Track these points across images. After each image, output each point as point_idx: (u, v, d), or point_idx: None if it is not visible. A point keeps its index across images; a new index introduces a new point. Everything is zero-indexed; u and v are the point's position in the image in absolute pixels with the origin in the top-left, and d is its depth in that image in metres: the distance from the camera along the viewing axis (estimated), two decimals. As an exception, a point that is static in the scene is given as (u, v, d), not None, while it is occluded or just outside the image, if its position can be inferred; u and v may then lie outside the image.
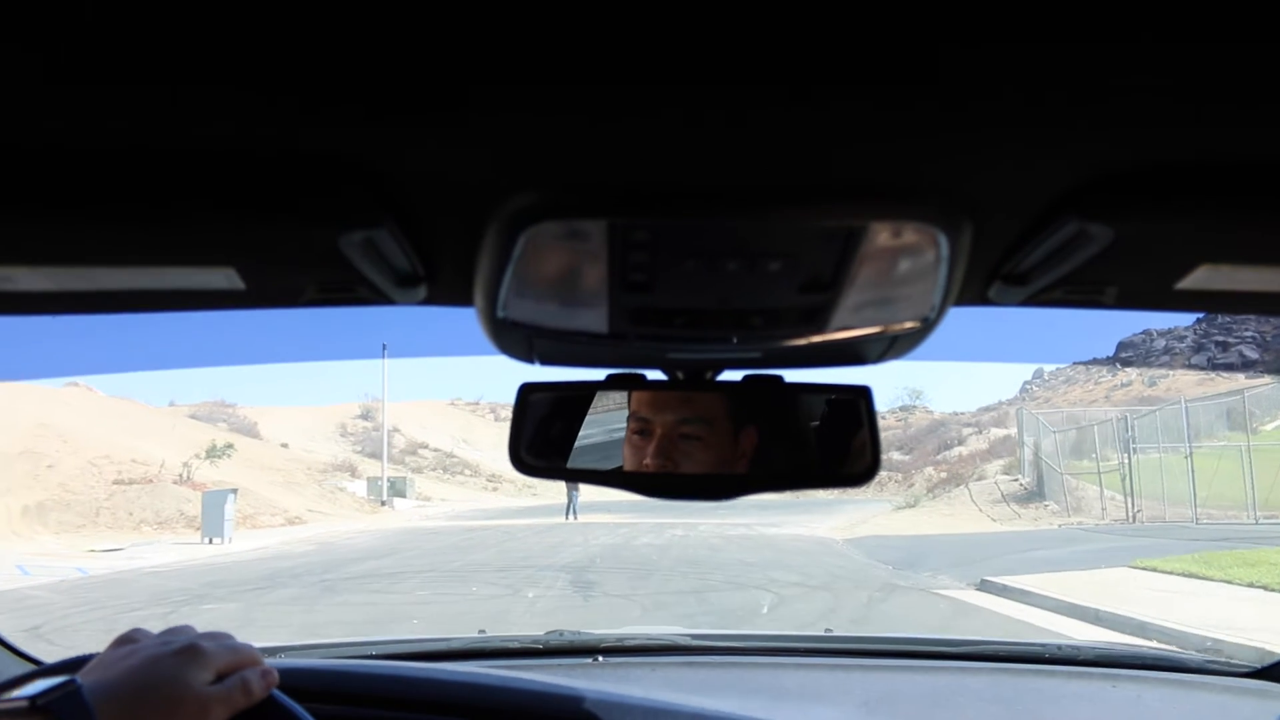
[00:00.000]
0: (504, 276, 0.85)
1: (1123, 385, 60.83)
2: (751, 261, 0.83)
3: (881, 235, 0.79)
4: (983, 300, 1.00)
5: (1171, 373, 57.43)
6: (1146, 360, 59.04)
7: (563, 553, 20.27)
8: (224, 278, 0.89)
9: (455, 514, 39.29)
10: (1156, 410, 30.56)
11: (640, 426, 1.26)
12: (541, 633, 2.55)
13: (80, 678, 1.06)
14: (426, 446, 65.03)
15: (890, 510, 34.22)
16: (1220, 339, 56.47)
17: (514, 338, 1.04)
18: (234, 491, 25.95)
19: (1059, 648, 2.48)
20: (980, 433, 57.97)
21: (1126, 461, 26.61)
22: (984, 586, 13.94)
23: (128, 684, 1.06)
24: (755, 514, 32.34)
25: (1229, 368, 54.89)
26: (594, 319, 0.94)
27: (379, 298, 0.96)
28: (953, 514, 31.24)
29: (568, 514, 33.25)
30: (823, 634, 2.74)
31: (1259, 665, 2.33)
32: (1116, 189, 0.75)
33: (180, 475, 34.26)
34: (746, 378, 1.23)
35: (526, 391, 1.28)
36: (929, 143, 0.70)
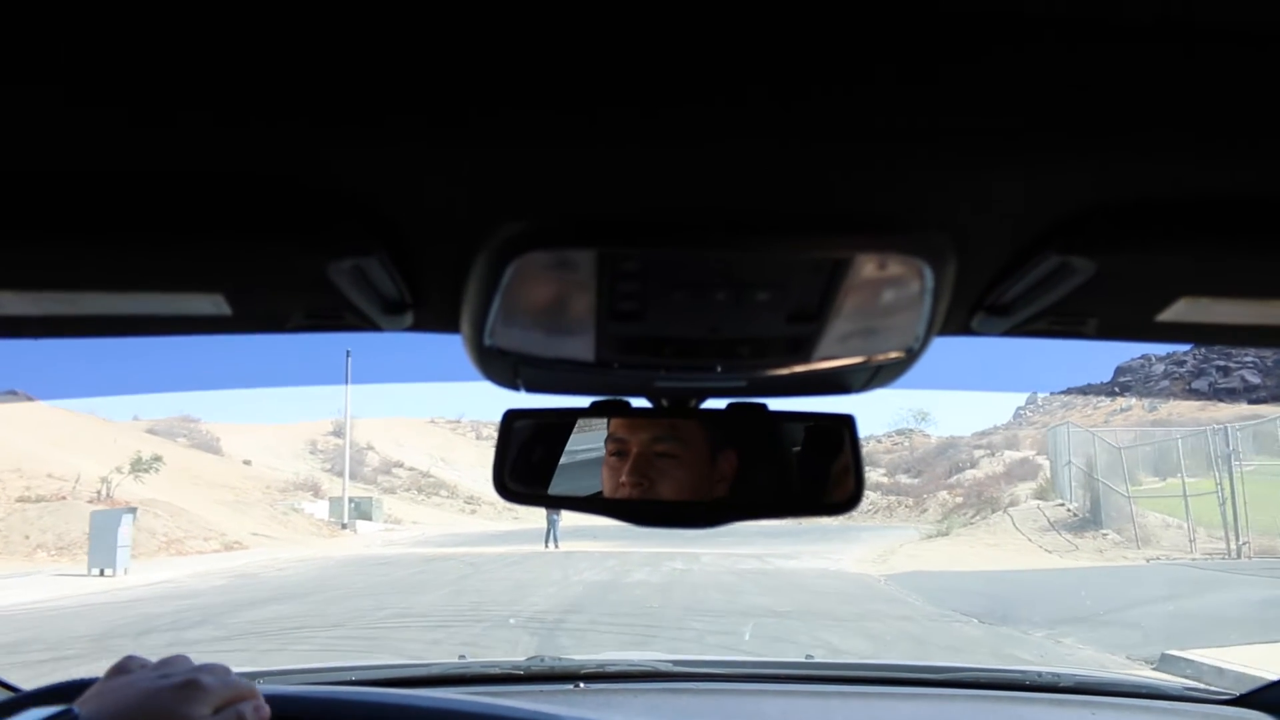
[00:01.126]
0: (492, 305, 0.85)
1: (1122, 410, 58.15)
2: (740, 292, 0.82)
3: (868, 267, 0.78)
4: (966, 330, 1.00)
5: (1173, 396, 55.26)
6: (1146, 385, 56.96)
7: (534, 595, 15.37)
8: (211, 304, 0.88)
9: (422, 539, 34.59)
10: (1259, 422, 25.84)
11: (617, 448, 1.26)
12: (523, 659, 2.53)
13: (77, 707, 1.06)
14: (402, 465, 60.22)
15: (919, 539, 29.52)
16: (1221, 364, 54.89)
17: (500, 365, 1.03)
18: (132, 511, 20.92)
19: (1039, 675, 2.47)
20: (993, 455, 54.63)
21: (1225, 482, 21.72)
22: (1167, 665, 9.07)
23: (126, 717, 1.06)
24: (762, 542, 27.72)
25: (1231, 393, 53.20)
26: (581, 348, 0.94)
27: (365, 324, 0.95)
28: (997, 544, 26.51)
29: (547, 541, 28.37)
30: (804, 660, 2.79)
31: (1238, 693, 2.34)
32: (1099, 223, 0.75)
33: (98, 492, 29.16)
34: (731, 405, 1.23)
35: (510, 418, 1.29)
36: (916, 177, 0.71)
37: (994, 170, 0.70)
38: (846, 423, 1.27)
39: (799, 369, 1.00)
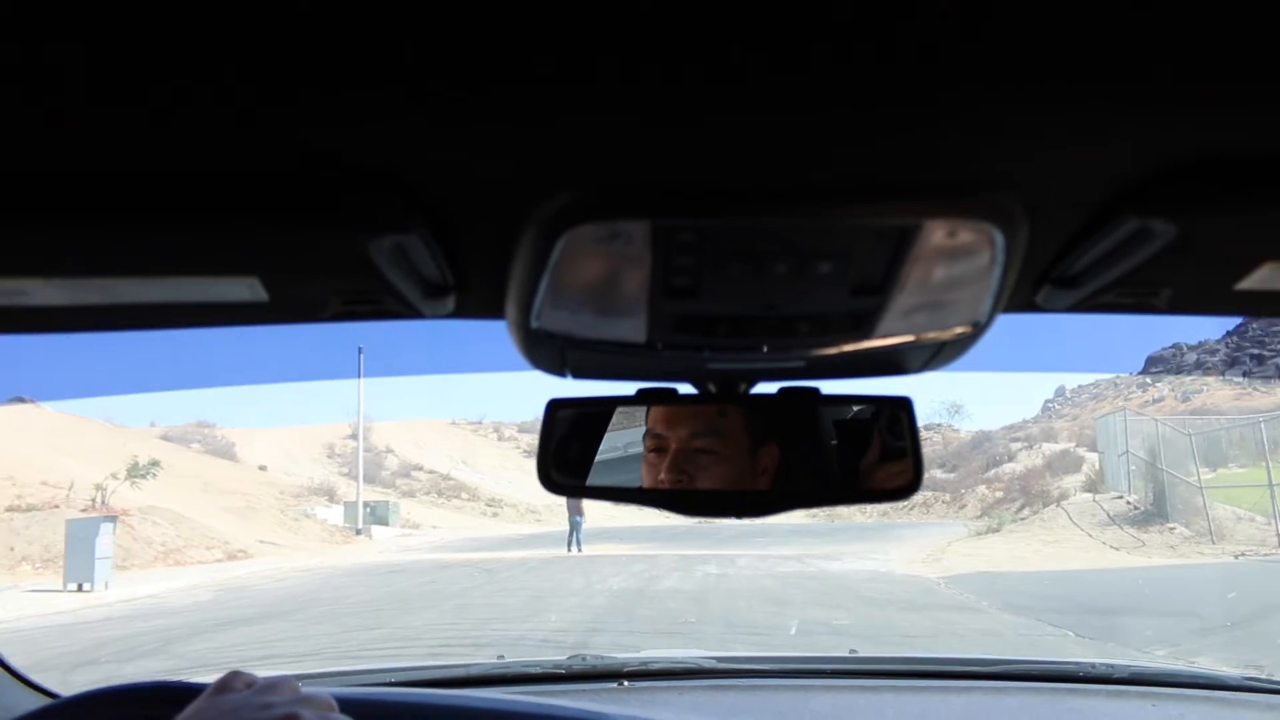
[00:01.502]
0: (540, 284, 0.82)
1: (1154, 401, 55.99)
2: (801, 263, 0.79)
3: (936, 235, 0.75)
4: (1030, 306, 0.98)
5: (1206, 386, 54.05)
6: (1178, 374, 56.18)
7: (551, 609, 13.35)
8: (247, 289, 0.86)
9: (440, 544, 32.70)
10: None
11: (656, 443, 1.24)
12: (564, 657, 2.51)
13: None
14: (421, 468, 58.34)
15: (968, 536, 27.34)
16: (1254, 352, 53.60)
17: (547, 350, 1.01)
18: (111, 520, 18.90)
19: (1093, 666, 2.44)
20: (1030, 448, 52.68)
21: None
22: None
23: None
24: (798, 541, 25.77)
25: (1266, 380, 51.83)
26: (631, 328, 0.90)
27: (406, 310, 0.93)
28: (1056, 540, 24.32)
29: (570, 545, 26.37)
30: (849, 654, 2.82)
31: None
32: (1181, 182, 0.72)
33: (93, 500, 27.33)
34: (782, 390, 1.19)
35: (554, 407, 1.27)
36: (986, 137, 0.68)
37: (1068, 129, 0.66)
38: (904, 405, 1.23)
39: (857, 347, 0.96)
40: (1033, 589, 14.79)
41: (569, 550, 26.01)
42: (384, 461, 58.10)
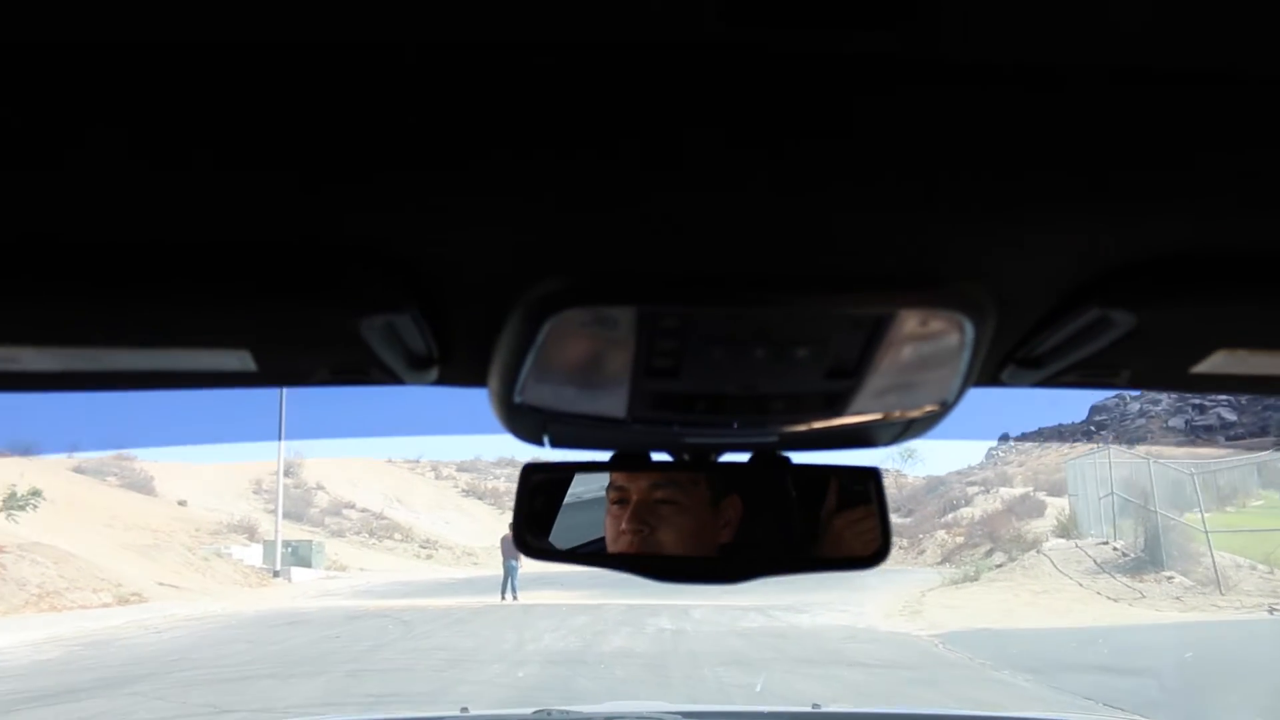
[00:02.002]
0: (524, 362, 0.83)
1: (1099, 449, 55.33)
2: (780, 348, 0.81)
3: (909, 323, 0.78)
4: (995, 382, 1.00)
5: (1150, 434, 52.11)
6: (1122, 424, 54.38)
7: (467, 680, 10.44)
8: (237, 360, 0.86)
9: (364, 589, 29.65)
10: None
11: (618, 495, 1.24)
12: (529, 711, 2.51)
13: None
14: (354, 507, 54.88)
15: (944, 584, 24.76)
16: (1197, 401, 52.25)
17: (528, 421, 1.02)
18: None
19: None
20: (987, 492, 50.72)
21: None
22: None
23: None
24: (758, 591, 22.83)
25: (1208, 430, 50.90)
26: (612, 404, 0.92)
27: (390, 379, 0.94)
28: (1044, 590, 21.82)
29: (504, 592, 23.45)
30: (811, 710, 2.92)
31: None
32: (1141, 277, 0.75)
33: (-40, 536, 23.93)
34: (753, 459, 1.21)
35: (529, 472, 1.28)
36: (960, 232, 0.71)
37: (1036, 225, 0.70)
38: (872, 475, 1.25)
39: (829, 424, 0.97)
40: (1051, 652, 12.20)
41: (503, 598, 23.11)
42: (313, 499, 54.60)
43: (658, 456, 1.21)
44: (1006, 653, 12.28)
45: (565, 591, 23.68)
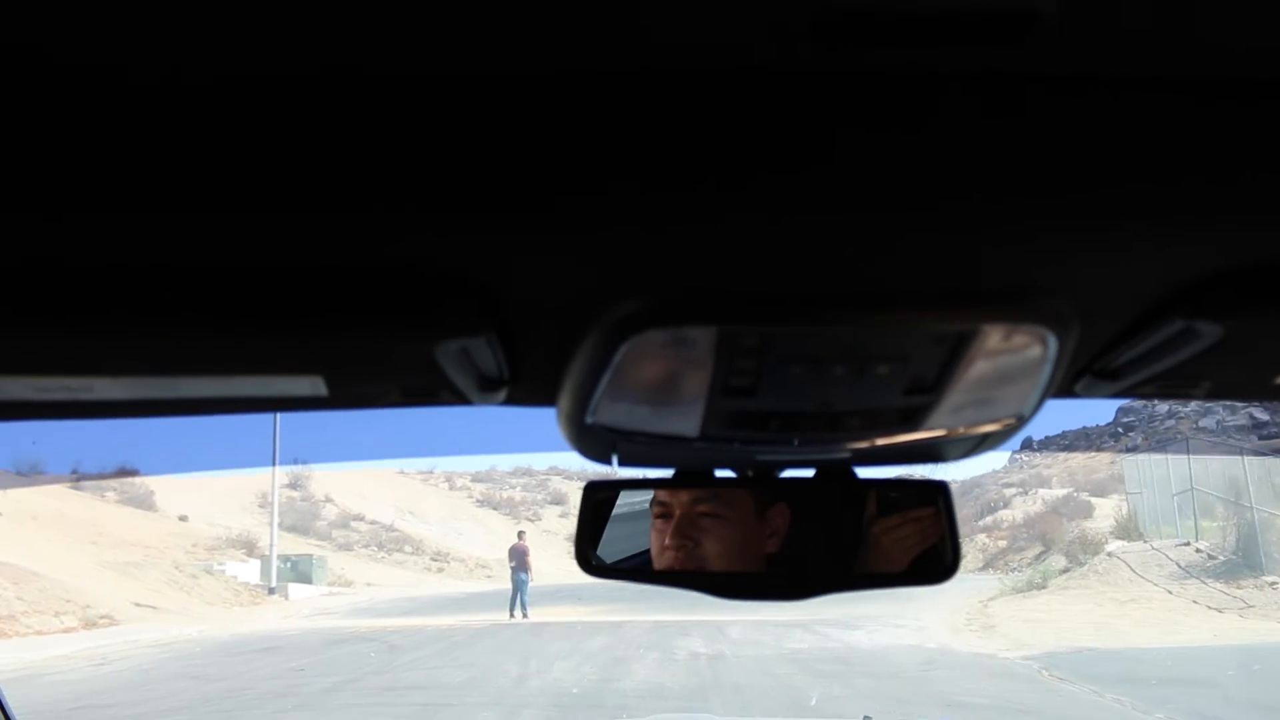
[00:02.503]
0: (599, 382, 0.82)
1: (1128, 450, 51.66)
2: (861, 366, 0.80)
3: (992, 338, 0.77)
4: (1070, 394, 0.98)
5: (1180, 435, 50.10)
6: (1150, 425, 51.27)
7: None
8: (309, 385, 0.86)
9: (365, 607, 27.08)
10: None
11: (661, 510, 1.24)
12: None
13: None
14: (363, 519, 52.26)
15: (1006, 593, 21.93)
16: (1227, 402, 48.70)
17: (597, 440, 1.01)
18: None
19: None
20: (1025, 493, 47.72)
21: None
22: None
23: None
24: (798, 604, 19.93)
25: (1240, 430, 47.08)
26: (686, 423, 0.91)
27: (459, 400, 0.93)
28: (1130, 598, 18.98)
29: (512, 609, 20.70)
30: None
31: None
32: (1228, 288, 0.73)
33: (-92, 555, 21.37)
34: (818, 474, 1.19)
35: (593, 490, 1.29)
36: (1044, 245, 0.69)
37: (1121, 237, 0.68)
38: (941, 489, 1.22)
39: (900, 439, 0.96)
40: (1216, 680, 9.33)
41: (510, 616, 20.39)
42: (321, 511, 52.00)
43: (722, 472, 1.19)
44: (1142, 682, 9.47)
45: (582, 607, 21.03)
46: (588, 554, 1.28)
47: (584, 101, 0.57)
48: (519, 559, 20.89)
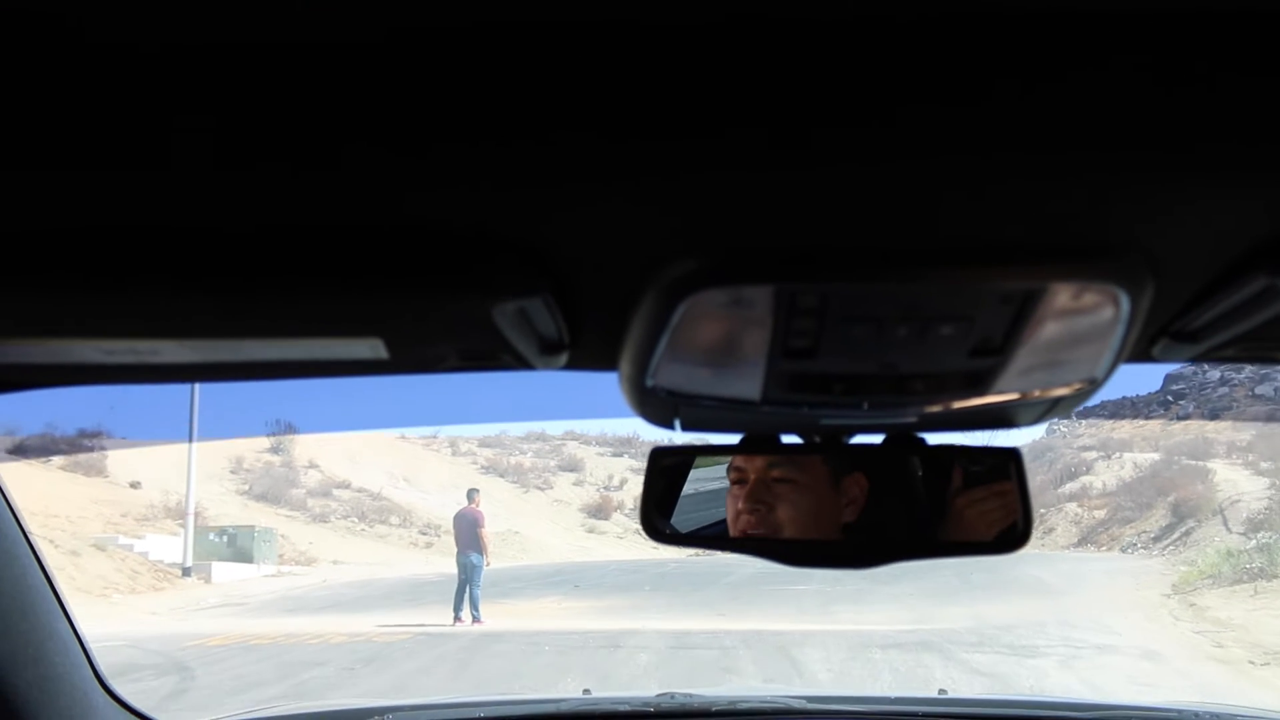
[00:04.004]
0: (658, 344, 0.80)
1: (1178, 418, 48.59)
2: (923, 326, 0.76)
3: (1061, 296, 0.73)
4: (1146, 358, 0.95)
5: (1235, 403, 45.68)
6: (1201, 393, 47.19)
7: None
8: (369, 348, 0.85)
9: (298, 596, 20.62)
10: None
11: (738, 476, 1.22)
12: (651, 694, 2.33)
13: None
14: (348, 487, 45.25)
15: (1196, 579, 14.65)
16: None
17: (659, 405, 1.00)
18: None
19: (1196, 715, 2.06)
20: (1108, 458, 40.64)
21: None
22: None
23: None
24: (883, 589, 13.23)
25: None
26: (747, 386, 0.89)
27: (520, 364, 0.92)
28: None
29: (458, 608, 13.53)
30: (939, 696, 2.63)
31: None
32: None
33: None
34: (886, 440, 1.17)
35: (658, 456, 1.26)
36: (1116, 199, 0.66)
37: (1197, 190, 0.65)
38: (1013, 456, 1.19)
39: (970, 404, 0.93)
40: None
41: (456, 619, 13.27)
42: (300, 478, 44.95)
43: (788, 438, 1.17)
44: None
45: (575, 601, 14.14)
46: (654, 520, 1.25)
47: (637, 53, 0.54)
48: (467, 532, 13.80)
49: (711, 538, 1.25)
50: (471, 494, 14.14)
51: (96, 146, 0.60)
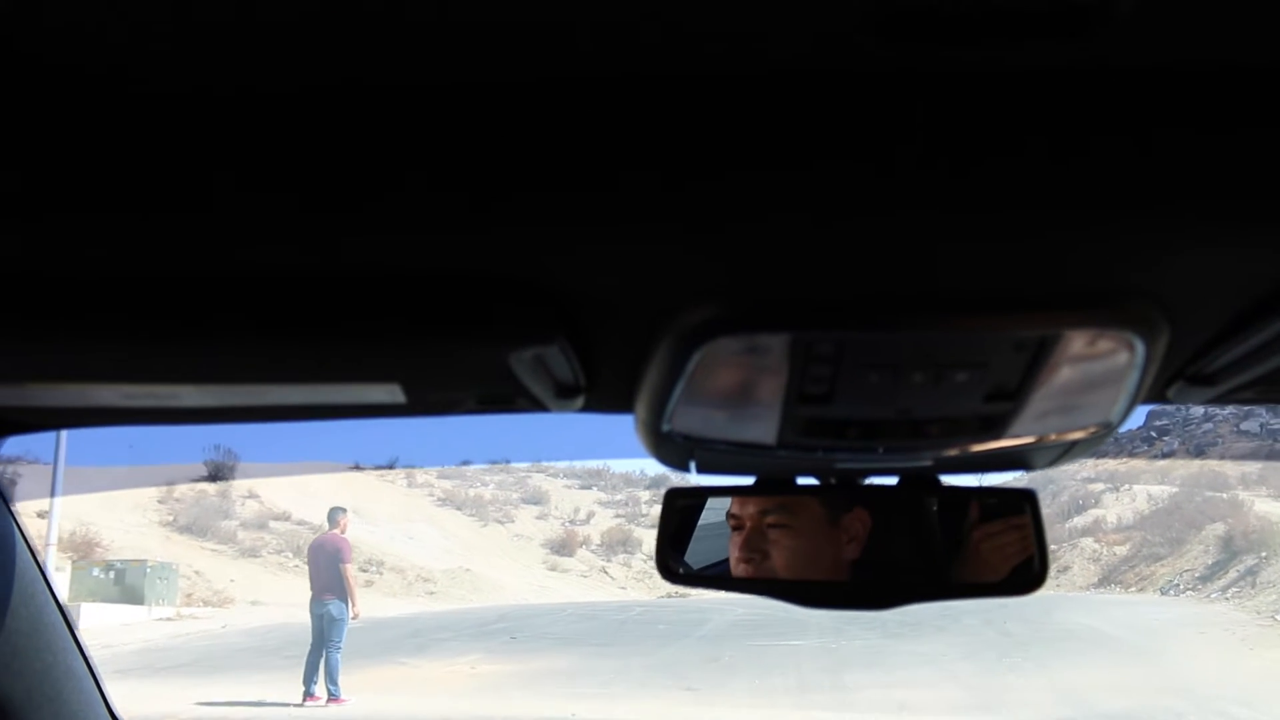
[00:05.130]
0: (674, 390, 0.80)
1: (1164, 454, 47.94)
2: (939, 372, 0.76)
3: (1076, 343, 0.73)
4: (1161, 400, 0.95)
5: (1221, 439, 45.33)
6: (1185, 429, 47.31)
7: None
8: (387, 393, 0.86)
9: (185, 644, 17.20)
10: None
11: (735, 523, 1.22)
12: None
13: None
14: (286, 519, 41.01)
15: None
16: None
17: (675, 448, 0.99)
18: None
19: None
20: (1115, 490, 38.28)
21: None
22: None
23: None
24: (860, 655, 9.14)
25: None
26: (763, 430, 0.88)
27: (536, 407, 0.92)
28: None
29: (309, 682, 9.36)
30: None
31: None
32: None
33: None
34: (902, 482, 1.16)
35: (673, 497, 1.26)
36: (1129, 247, 0.66)
37: (1212, 238, 0.64)
38: (1028, 498, 1.17)
39: (985, 447, 0.92)
40: None
41: (305, 698, 9.24)
42: (235, 509, 40.65)
43: (803, 480, 1.17)
44: None
45: (496, 661, 10.09)
46: (668, 560, 1.24)
47: (651, 107, 0.55)
48: (325, 570, 9.68)
49: (721, 578, 1.23)
50: (335, 514, 9.94)
51: (111, 194, 0.60)
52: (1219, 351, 0.80)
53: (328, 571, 9.57)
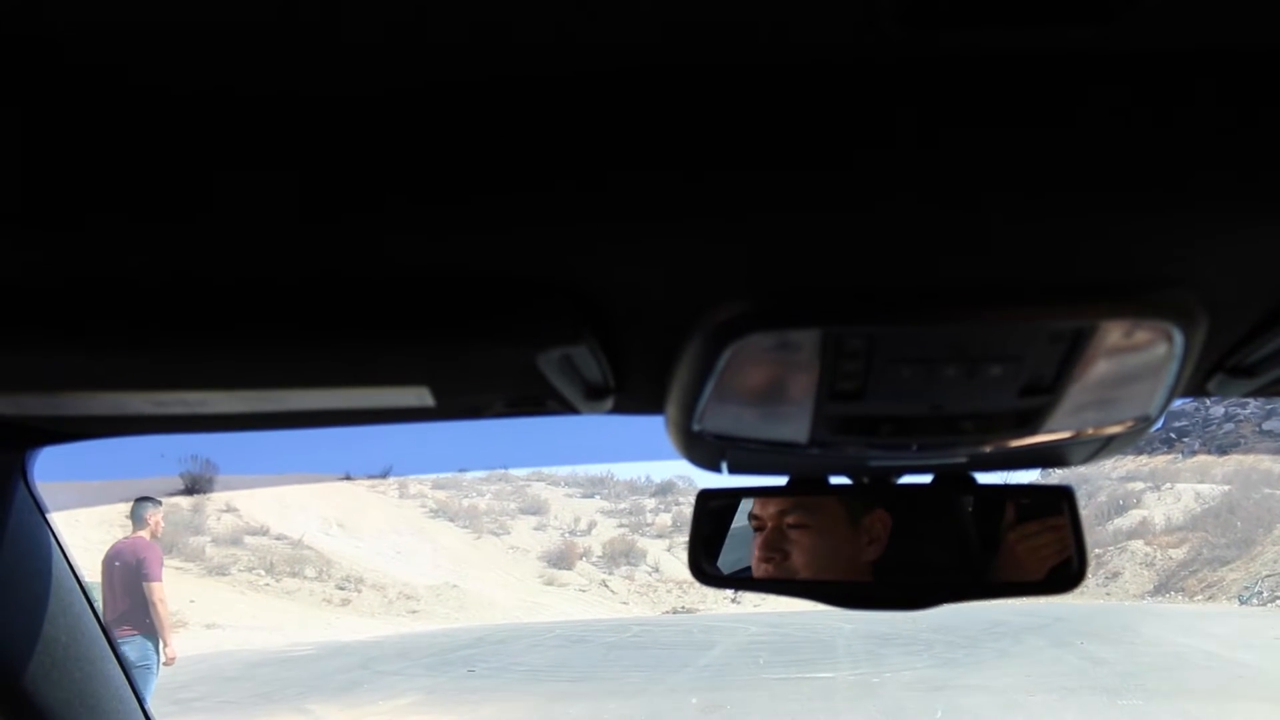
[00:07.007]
0: (704, 389, 0.79)
1: (1186, 455, 45.24)
2: (972, 366, 0.75)
3: (1113, 334, 0.71)
4: (1202, 393, 0.94)
5: (1243, 440, 42.22)
6: (1205, 429, 44.74)
7: None
8: (416, 396, 0.85)
9: None
10: None
11: (756, 524, 1.22)
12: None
13: None
14: (264, 533, 38.01)
15: None
16: None
17: (706, 448, 0.98)
18: None
19: None
20: (1158, 489, 35.95)
21: None
22: None
23: None
24: (912, 689, 6.01)
25: None
26: (794, 428, 0.87)
27: (566, 409, 0.92)
28: None
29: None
30: None
31: None
32: None
33: None
34: (936, 480, 1.15)
35: (705, 499, 1.25)
36: (1167, 235, 0.65)
37: (1251, 225, 0.63)
38: (1065, 495, 1.16)
39: (1021, 443, 0.90)
40: None
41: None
42: (207, 524, 37.62)
43: (836, 479, 1.17)
44: None
45: (428, 712, 7.04)
46: (701, 563, 1.24)
47: (671, 99, 0.55)
48: (124, 590, 6.69)
49: (752, 580, 1.23)
50: (142, 508, 6.81)
51: (139, 199, 0.60)
52: (1260, 342, 0.78)
53: (126, 595, 6.56)
